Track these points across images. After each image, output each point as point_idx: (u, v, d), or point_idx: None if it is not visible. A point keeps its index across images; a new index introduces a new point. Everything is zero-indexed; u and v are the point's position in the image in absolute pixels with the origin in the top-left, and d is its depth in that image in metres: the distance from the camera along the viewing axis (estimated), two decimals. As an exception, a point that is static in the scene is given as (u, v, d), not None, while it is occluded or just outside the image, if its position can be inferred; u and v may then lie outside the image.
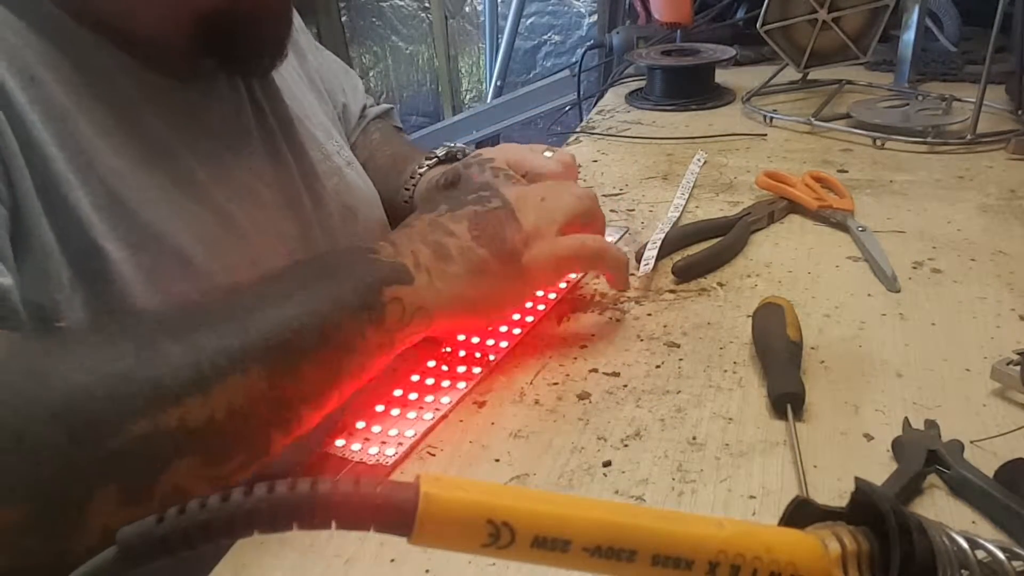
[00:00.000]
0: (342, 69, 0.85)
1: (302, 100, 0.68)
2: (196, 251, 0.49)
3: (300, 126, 0.63)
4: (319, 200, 0.62)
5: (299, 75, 0.71)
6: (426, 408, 0.48)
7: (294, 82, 0.69)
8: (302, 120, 0.65)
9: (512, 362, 0.53)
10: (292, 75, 0.69)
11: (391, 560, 0.38)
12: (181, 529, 0.20)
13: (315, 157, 0.64)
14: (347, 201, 0.66)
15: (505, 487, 0.28)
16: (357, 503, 0.21)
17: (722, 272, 0.63)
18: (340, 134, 0.74)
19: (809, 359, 0.51)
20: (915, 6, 1.01)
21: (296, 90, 0.68)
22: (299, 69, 0.72)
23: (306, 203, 0.61)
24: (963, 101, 0.94)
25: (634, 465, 0.43)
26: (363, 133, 0.84)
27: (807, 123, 0.94)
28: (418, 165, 0.74)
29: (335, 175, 0.66)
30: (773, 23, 1.01)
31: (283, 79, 0.65)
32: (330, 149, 0.67)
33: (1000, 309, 0.55)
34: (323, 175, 0.64)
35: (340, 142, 0.71)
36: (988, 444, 0.42)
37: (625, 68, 1.22)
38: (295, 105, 0.65)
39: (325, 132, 0.69)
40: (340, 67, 0.85)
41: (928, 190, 0.76)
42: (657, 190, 0.80)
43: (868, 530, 0.26)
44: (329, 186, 0.64)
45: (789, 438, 0.44)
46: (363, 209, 0.68)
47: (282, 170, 0.59)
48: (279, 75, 0.63)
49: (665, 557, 0.23)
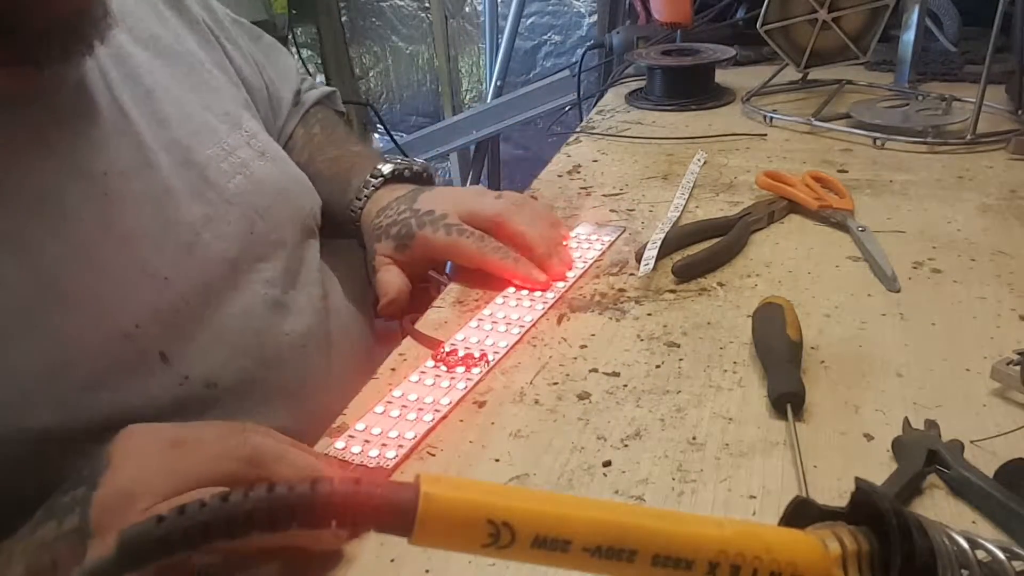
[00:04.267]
0: (268, 48, 0.78)
1: (199, 85, 0.62)
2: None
3: (181, 126, 0.57)
4: (212, 210, 0.56)
5: (199, 53, 0.65)
6: (426, 409, 0.48)
7: (184, 62, 0.62)
8: (190, 116, 0.59)
9: (512, 362, 0.53)
10: (183, 54, 0.63)
11: (391, 560, 0.38)
12: (181, 529, 0.20)
13: (209, 156, 0.58)
14: (255, 201, 0.60)
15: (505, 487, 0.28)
16: (357, 503, 0.21)
17: (722, 272, 0.63)
18: (256, 118, 0.68)
19: (809, 359, 0.51)
20: (915, 6, 1.01)
21: (190, 71, 0.62)
22: (200, 54, 0.65)
23: (189, 218, 0.54)
24: (963, 101, 0.94)
25: (634, 465, 0.43)
26: (303, 124, 0.79)
27: (807, 123, 0.94)
28: (364, 184, 0.70)
29: (239, 172, 0.60)
30: (773, 23, 1.01)
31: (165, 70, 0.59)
32: (234, 142, 0.61)
33: (1000, 309, 0.55)
34: (221, 176, 0.58)
35: (253, 129, 0.65)
36: (988, 444, 0.42)
37: (625, 68, 1.22)
38: (181, 97, 0.59)
39: (231, 122, 0.63)
40: (266, 46, 0.78)
41: (928, 190, 0.76)
42: (657, 190, 0.80)
43: (868, 530, 0.26)
44: (231, 187, 0.59)
45: (789, 438, 0.44)
46: (278, 205, 0.62)
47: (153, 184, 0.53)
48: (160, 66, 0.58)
49: (665, 557, 0.23)
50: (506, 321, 0.57)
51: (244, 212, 0.59)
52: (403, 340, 0.57)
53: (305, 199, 0.68)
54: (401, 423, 0.47)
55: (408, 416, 0.47)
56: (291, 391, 0.58)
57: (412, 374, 0.51)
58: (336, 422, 0.48)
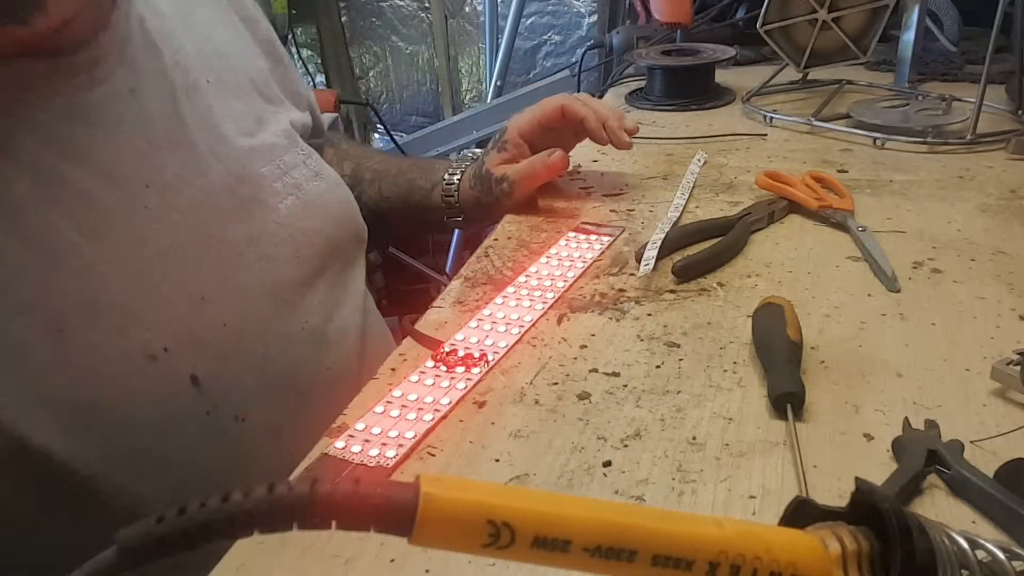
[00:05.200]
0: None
1: (260, 103, 0.61)
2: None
3: (239, 142, 0.56)
4: (259, 230, 0.55)
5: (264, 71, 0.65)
6: (426, 409, 0.48)
7: (248, 78, 0.62)
8: (250, 131, 0.58)
9: (512, 362, 0.53)
10: (248, 70, 0.62)
11: (391, 560, 0.38)
12: (181, 529, 0.20)
13: (264, 174, 0.57)
14: (305, 224, 0.59)
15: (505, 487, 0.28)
16: (357, 503, 0.21)
17: (722, 272, 0.63)
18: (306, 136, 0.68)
19: (809, 359, 0.51)
20: (915, 6, 1.01)
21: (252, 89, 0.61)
22: (265, 70, 0.65)
23: (234, 237, 0.53)
24: (963, 101, 0.94)
25: (634, 465, 0.43)
26: (327, 144, 0.79)
27: (807, 123, 0.94)
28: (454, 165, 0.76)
29: (291, 194, 0.59)
30: (773, 23, 1.01)
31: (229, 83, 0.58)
32: (291, 160, 0.60)
33: (1000, 309, 0.55)
34: (273, 195, 0.57)
35: (307, 149, 0.64)
36: (988, 444, 0.42)
37: (625, 68, 1.22)
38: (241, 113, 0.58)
39: (289, 139, 0.62)
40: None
41: (928, 190, 0.76)
42: (657, 190, 0.80)
43: (868, 530, 0.26)
44: (282, 208, 0.57)
45: (789, 438, 0.44)
46: (328, 230, 0.62)
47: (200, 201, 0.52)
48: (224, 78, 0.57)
49: (665, 557, 0.23)
50: (506, 321, 0.57)
51: (292, 234, 0.57)
52: (403, 340, 0.57)
53: (353, 224, 0.67)
54: (401, 423, 0.47)
55: (408, 416, 0.47)
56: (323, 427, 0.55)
57: (412, 374, 0.51)
58: (336, 422, 0.48)
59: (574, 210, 0.76)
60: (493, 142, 0.75)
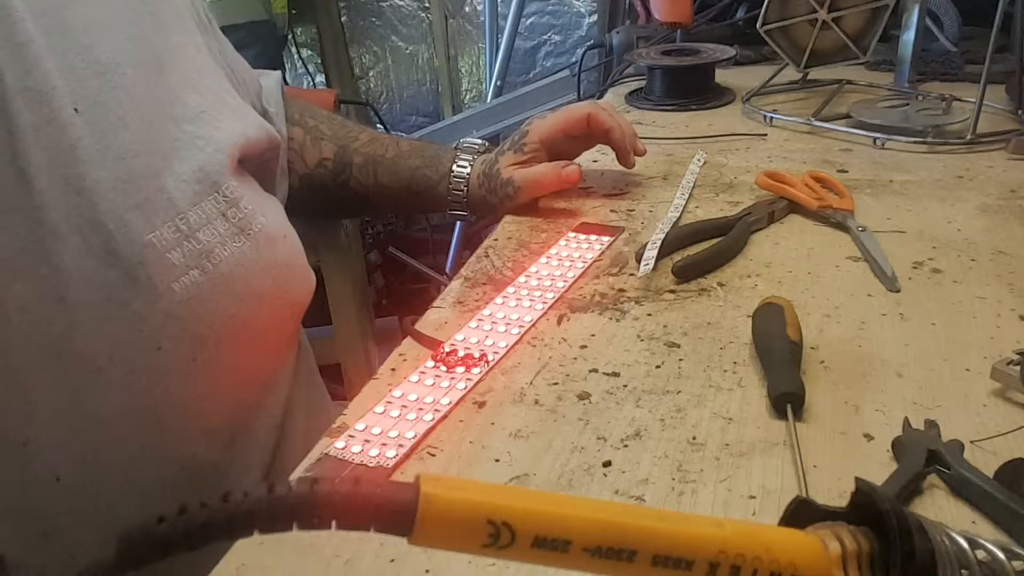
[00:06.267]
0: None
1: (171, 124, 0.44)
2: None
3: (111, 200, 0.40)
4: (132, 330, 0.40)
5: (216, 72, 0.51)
6: (426, 409, 0.48)
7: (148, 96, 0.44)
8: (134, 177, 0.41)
9: (512, 362, 0.53)
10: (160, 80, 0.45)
11: (391, 560, 0.38)
12: (181, 529, 0.20)
13: (150, 246, 0.41)
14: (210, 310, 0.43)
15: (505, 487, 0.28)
16: (357, 503, 0.21)
17: (722, 272, 0.63)
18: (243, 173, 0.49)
19: (809, 359, 0.51)
20: (915, 6, 1.01)
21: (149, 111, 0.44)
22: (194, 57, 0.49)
23: (91, 347, 0.39)
24: (963, 101, 0.94)
25: (634, 465, 0.43)
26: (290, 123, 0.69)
27: (807, 123, 0.94)
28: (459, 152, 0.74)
29: (194, 267, 0.43)
30: (773, 23, 1.01)
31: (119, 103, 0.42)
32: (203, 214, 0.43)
33: (1000, 309, 0.55)
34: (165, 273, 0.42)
35: (238, 192, 0.46)
36: (988, 444, 0.42)
37: (625, 68, 1.22)
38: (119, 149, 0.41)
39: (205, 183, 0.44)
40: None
41: (928, 190, 0.76)
42: (657, 190, 0.80)
43: (868, 530, 0.26)
44: (176, 290, 0.42)
45: (789, 438, 0.44)
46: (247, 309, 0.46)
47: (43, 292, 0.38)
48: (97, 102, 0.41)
49: (665, 557, 0.23)
50: (506, 321, 0.57)
51: (186, 329, 0.42)
52: (403, 340, 0.57)
53: (293, 291, 0.51)
54: (401, 423, 0.47)
55: (408, 416, 0.47)
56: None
57: (412, 374, 0.51)
58: (336, 422, 0.48)
59: (574, 210, 0.76)
60: (510, 142, 0.74)
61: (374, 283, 1.93)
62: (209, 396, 0.44)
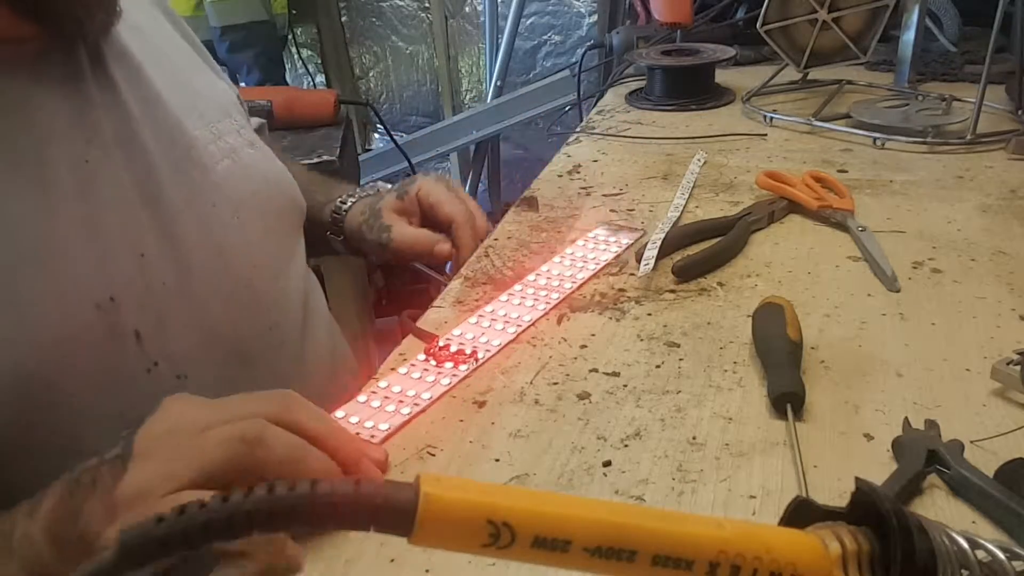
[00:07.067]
0: None
1: (188, 73, 0.62)
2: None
3: (170, 104, 0.56)
4: (196, 189, 0.55)
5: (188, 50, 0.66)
6: (405, 402, 0.48)
7: (174, 54, 0.63)
8: (180, 95, 0.58)
9: (512, 362, 0.53)
10: (172, 47, 0.63)
11: (391, 560, 0.38)
12: (181, 529, 0.20)
13: (196, 137, 0.57)
14: (242, 187, 0.60)
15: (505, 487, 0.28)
16: (357, 503, 0.21)
17: (722, 272, 0.63)
18: (243, 115, 0.68)
19: (809, 359, 0.51)
20: (915, 6, 1.01)
21: (178, 61, 0.62)
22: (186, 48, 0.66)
23: (171, 196, 0.53)
24: (963, 101, 0.94)
25: (634, 465, 0.43)
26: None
27: (807, 123, 0.94)
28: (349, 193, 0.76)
29: (227, 157, 0.59)
30: (773, 23, 1.01)
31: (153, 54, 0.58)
32: (224, 128, 0.61)
33: (1000, 309, 0.55)
34: (208, 157, 0.58)
35: (242, 121, 0.65)
36: (988, 444, 0.42)
37: (625, 68, 1.22)
38: (170, 80, 0.58)
39: (221, 110, 0.63)
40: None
41: (928, 190, 0.76)
42: (657, 190, 0.80)
43: (868, 530, 0.26)
44: (218, 169, 0.58)
45: (789, 438, 0.44)
46: (265, 193, 0.62)
47: (136, 159, 0.52)
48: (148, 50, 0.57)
49: (665, 557, 0.23)
50: (505, 320, 0.57)
51: (229, 196, 0.58)
52: (403, 340, 0.57)
53: (293, 192, 0.67)
54: (379, 414, 0.47)
55: (387, 407, 0.47)
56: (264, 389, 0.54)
57: (402, 366, 0.51)
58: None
59: (574, 210, 0.76)
60: (399, 185, 0.74)
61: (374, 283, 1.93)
62: (252, 244, 0.59)
